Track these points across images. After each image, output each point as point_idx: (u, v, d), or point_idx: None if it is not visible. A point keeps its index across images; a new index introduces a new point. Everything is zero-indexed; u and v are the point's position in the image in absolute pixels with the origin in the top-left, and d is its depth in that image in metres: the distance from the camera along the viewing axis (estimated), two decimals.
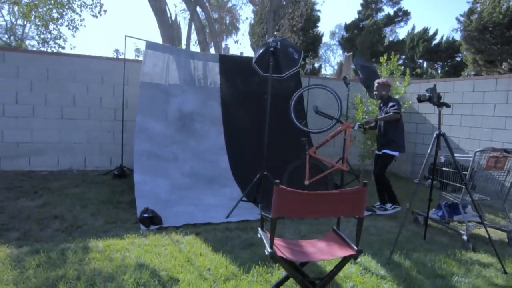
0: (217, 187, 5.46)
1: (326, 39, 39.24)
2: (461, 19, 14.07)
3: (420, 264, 3.28)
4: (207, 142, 6.07)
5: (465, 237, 3.76)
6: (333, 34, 38.25)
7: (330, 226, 2.89)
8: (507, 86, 6.01)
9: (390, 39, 23.76)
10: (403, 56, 27.18)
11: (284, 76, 4.71)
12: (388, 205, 4.93)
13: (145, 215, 3.93)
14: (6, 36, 26.86)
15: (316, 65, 29.65)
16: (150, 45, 6.15)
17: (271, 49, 4.46)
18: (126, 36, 6.16)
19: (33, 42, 26.19)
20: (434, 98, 3.36)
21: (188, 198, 4.96)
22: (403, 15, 22.57)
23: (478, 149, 3.76)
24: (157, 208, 4.40)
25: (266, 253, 2.18)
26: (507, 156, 3.76)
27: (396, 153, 4.83)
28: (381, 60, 7.21)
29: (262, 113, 6.20)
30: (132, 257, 3.06)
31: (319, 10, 34.27)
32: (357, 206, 2.22)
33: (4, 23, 26.14)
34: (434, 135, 3.50)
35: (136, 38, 6.35)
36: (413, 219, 4.62)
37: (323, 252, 2.35)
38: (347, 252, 2.26)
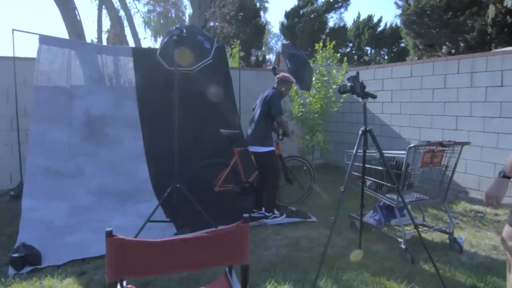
0: (131, 204, 4.66)
1: (276, 30, 38.80)
2: (400, 3, 14.02)
3: None
4: (122, 150, 5.22)
5: (403, 246, 3.28)
6: (283, 25, 37.90)
7: None
8: (444, 70, 5.69)
9: (336, 26, 23.58)
10: (350, 44, 27.38)
11: (194, 69, 3.99)
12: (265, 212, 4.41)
13: (16, 254, 3.08)
14: None
15: (267, 56, 29.10)
16: (44, 39, 5.18)
17: (175, 37, 3.72)
18: (13, 30, 5.13)
19: None
20: (357, 88, 2.80)
21: (90, 222, 4.12)
22: (343, 1, 22.44)
23: (411, 145, 3.27)
24: (45, 240, 3.59)
25: None
26: (444, 149, 3.30)
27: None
28: (316, 47, 6.70)
29: (189, 113, 5.48)
30: None
31: (267, 1, 33.71)
32: (238, 249, 1.57)
33: None
34: (360, 132, 2.95)
35: (25, 32, 5.24)
36: (349, 223, 4.11)
37: None
38: None
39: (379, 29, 25.23)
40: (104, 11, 7.68)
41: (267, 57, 28.38)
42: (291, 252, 3.42)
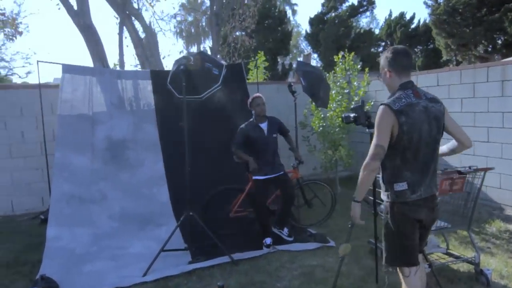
0: (151, 228, 4.72)
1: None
2: (429, 3, 13.40)
3: None
4: (142, 172, 5.32)
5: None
6: (307, 32, 37.56)
7: None
8: (472, 78, 5.35)
9: (362, 30, 22.93)
10: (382, 43, 26.57)
11: (202, 97, 4.01)
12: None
13: None
14: None
15: (298, 59, 28.80)
16: (67, 69, 5.40)
17: (182, 67, 3.74)
18: (38, 61, 5.38)
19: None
20: (361, 119, 2.67)
21: (109, 249, 4.22)
22: (368, 4, 21.75)
23: None
24: (64, 270, 3.70)
25: None
26: (464, 176, 3.08)
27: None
28: (335, 59, 6.53)
29: (206, 138, 5.49)
30: None
31: (296, 4, 33.39)
32: None
33: None
34: None
35: (50, 63, 5.48)
36: (369, 249, 3.94)
37: None
38: None
39: (412, 26, 24.32)
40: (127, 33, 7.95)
41: (298, 59, 28.12)
42: (304, 285, 3.32)
